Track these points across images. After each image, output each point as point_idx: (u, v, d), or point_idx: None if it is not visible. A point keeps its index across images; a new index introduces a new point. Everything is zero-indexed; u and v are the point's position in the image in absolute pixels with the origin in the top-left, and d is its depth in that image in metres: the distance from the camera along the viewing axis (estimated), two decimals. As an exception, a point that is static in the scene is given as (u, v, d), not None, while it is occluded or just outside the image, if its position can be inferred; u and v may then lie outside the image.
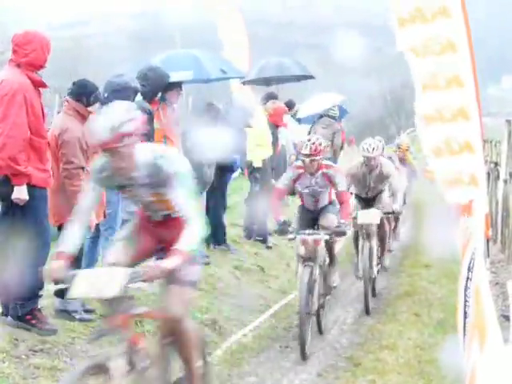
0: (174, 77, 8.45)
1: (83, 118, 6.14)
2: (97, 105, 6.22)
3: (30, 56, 5.63)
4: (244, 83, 12.25)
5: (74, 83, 6.42)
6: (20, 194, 5.50)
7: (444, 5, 7.09)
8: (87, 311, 6.35)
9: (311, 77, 14.16)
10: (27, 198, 5.52)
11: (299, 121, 16.49)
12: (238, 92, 10.69)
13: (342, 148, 19.06)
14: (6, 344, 5.36)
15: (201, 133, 8.44)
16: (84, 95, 6.14)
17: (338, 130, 15.98)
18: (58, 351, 5.54)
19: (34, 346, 5.49)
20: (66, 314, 6.13)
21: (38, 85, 5.71)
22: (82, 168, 5.99)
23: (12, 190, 5.50)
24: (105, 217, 6.54)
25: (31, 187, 5.56)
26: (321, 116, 16.27)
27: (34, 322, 5.68)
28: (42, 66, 5.75)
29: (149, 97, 7.83)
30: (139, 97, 7.52)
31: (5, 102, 5.48)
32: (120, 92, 6.88)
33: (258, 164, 10.65)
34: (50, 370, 5.25)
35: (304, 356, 6.64)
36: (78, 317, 6.15)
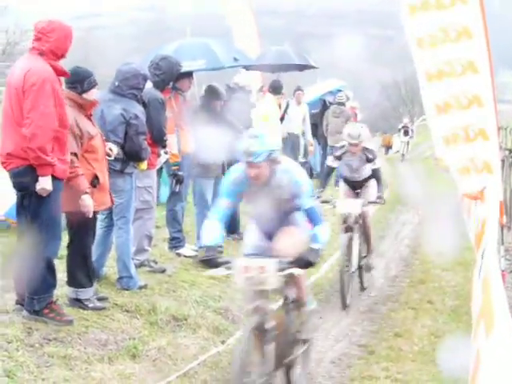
0: (186, 66, 8.44)
1: (79, 105, 6.09)
2: (94, 90, 6.17)
3: (53, 44, 5.61)
4: (247, 69, 12.17)
5: (69, 70, 6.38)
6: (46, 184, 5.47)
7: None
8: (100, 299, 6.36)
9: (313, 67, 14.12)
10: (51, 188, 5.50)
11: None
12: (241, 76, 10.61)
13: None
14: (19, 333, 5.38)
15: (201, 122, 8.41)
16: (77, 82, 6.07)
17: (349, 116, 15.98)
18: (71, 340, 5.55)
19: (48, 334, 5.50)
20: (78, 302, 6.14)
21: (60, 74, 5.69)
22: (75, 154, 5.92)
23: (31, 181, 5.47)
24: (113, 203, 6.51)
25: (52, 178, 5.54)
26: (326, 105, 16.31)
27: (51, 315, 5.68)
28: (63, 55, 5.73)
29: (161, 86, 7.83)
30: (149, 84, 7.52)
31: (33, 91, 5.43)
32: (130, 80, 6.88)
33: None
34: (64, 358, 5.26)
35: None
36: (90, 305, 6.16)
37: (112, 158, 6.44)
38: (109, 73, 6.58)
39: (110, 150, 6.42)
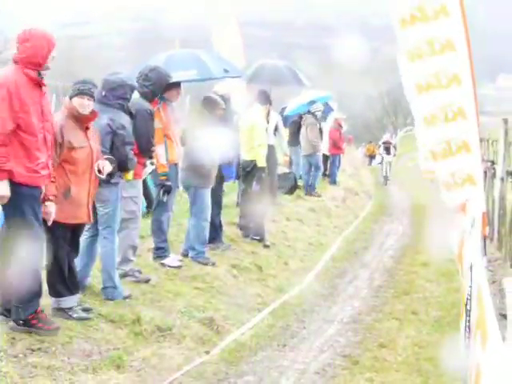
0: (177, 76, 8.46)
1: (73, 116, 6.07)
2: (77, 99, 6.15)
3: (27, 53, 5.56)
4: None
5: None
6: (1, 190, 5.37)
7: (444, 4, 7.12)
8: (85, 310, 6.35)
9: (305, 84, 14.35)
10: (7, 193, 5.37)
11: (286, 118, 16.64)
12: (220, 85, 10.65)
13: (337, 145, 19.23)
14: (3, 343, 5.35)
15: (202, 131, 8.46)
16: (71, 88, 6.08)
17: (310, 123, 16.14)
18: (55, 350, 5.53)
19: (32, 344, 5.48)
20: (62, 312, 6.12)
21: (34, 82, 5.58)
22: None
23: None
24: (90, 221, 6.47)
25: (16, 185, 5.42)
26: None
27: (39, 325, 5.65)
28: (41, 64, 5.61)
29: (149, 97, 7.84)
30: (136, 95, 7.53)
31: None
32: (117, 90, 6.89)
33: (262, 164, 10.64)
34: (48, 368, 5.24)
35: None
36: (75, 315, 6.14)
37: (102, 177, 6.35)
38: (95, 82, 6.56)
39: (102, 167, 6.30)
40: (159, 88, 7.93)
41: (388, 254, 12.39)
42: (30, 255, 5.54)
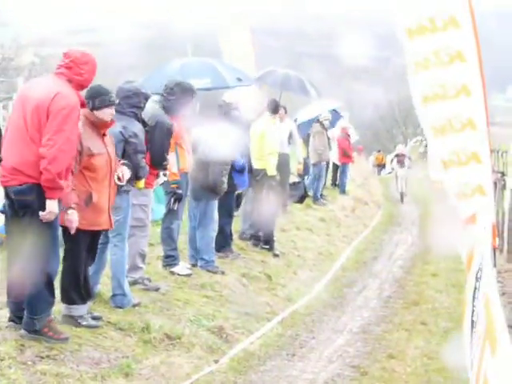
0: (192, 84, 8.50)
1: (90, 122, 6.10)
2: (107, 110, 6.19)
3: (84, 76, 5.68)
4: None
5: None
6: (54, 208, 5.46)
7: (453, 15, 7.11)
8: (94, 318, 6.35)
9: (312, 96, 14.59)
10: (57, 211, 5.51)
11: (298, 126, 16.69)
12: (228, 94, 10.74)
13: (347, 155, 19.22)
14: (12, 350, 5.36)
15: (212, 135, 8.49)
16: (90, 98, 6.09)
17: (317, 132, 16.19)
18: (64, 358, 5.53)
19: (41, 352, 5.48)
20: (71, 319, 6.13)
21: (82, 105, 5.73)
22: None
23: (36, 200, 5.44)
24: (112, 227, 6.50)
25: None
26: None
27: (50, 333, 5.65)
28: (86, 87, 5.85)
29: (171, 111, 7.83)
30: (153, 104, 7.51)
31: (61, 115, 5.43)
32: (131, 98, 6.92)
33: (272, 172, 10.64)
34: (57, 376, 5.24)
35: None
36: (84, 323, 6.15)
37: (122, 183, 6.41)
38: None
39: (122, 174, 6.37)
40: (183, 103, 7.92)
41: (397, 265, 12.37)
42: (50, 265, 5.59)
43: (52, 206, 5.45)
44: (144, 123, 7.11)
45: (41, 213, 5.44)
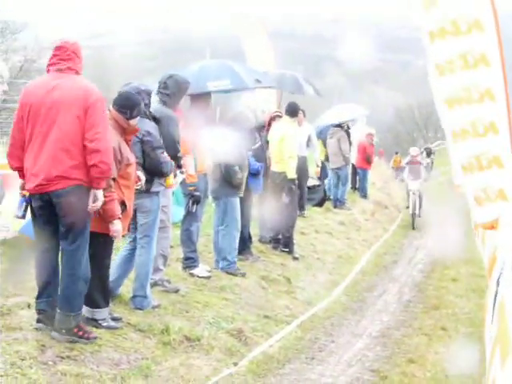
0: (211, 86, 8.50)
1: (122, 129, 6.13)
2: (137, 119, 6.24)
3: (81, 63, 5.69)
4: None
5: (119, 93, 6.42)
6: (102, 196, 5.55)
7: (477, 18, 7.07)
8: (114, 319, 6.37)
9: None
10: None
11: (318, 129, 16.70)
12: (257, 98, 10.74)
13: (369, 161, 19.14)
14: (33, 350, 5.39)
15: (231, 142, 8.51)
16: (128, 108, 6.12)
17: (342, 136, 16.15)
18: (84, 358, 5.55)
19: (61, 352, 5.50)
20: (93, 322, 6.14)
21: None
22: (114, 179, 5.91)
23: (80, 201, 5.46)
24: (129, 230, 6.52)
25: None
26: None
27: (80, 333, 5.68)
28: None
29: (170, 104, 7.82)
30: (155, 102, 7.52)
31: (98, 107, 5.47)
32: None
33: (292, 175, 10.63)
34: (77, 376, 5.25)
35: None
36: (104, 324, 6.16)
37: (139, 187, 6.45)
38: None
39: (139, 178, 6.44)
40: (178, 95, 7.88)
41: (417, 269, 12.31)
42: (88, 265, 5.72)
43: (100, 194, 5.51)
44: (155, 119, 7.09)
45: (91, 203, 5.47)
